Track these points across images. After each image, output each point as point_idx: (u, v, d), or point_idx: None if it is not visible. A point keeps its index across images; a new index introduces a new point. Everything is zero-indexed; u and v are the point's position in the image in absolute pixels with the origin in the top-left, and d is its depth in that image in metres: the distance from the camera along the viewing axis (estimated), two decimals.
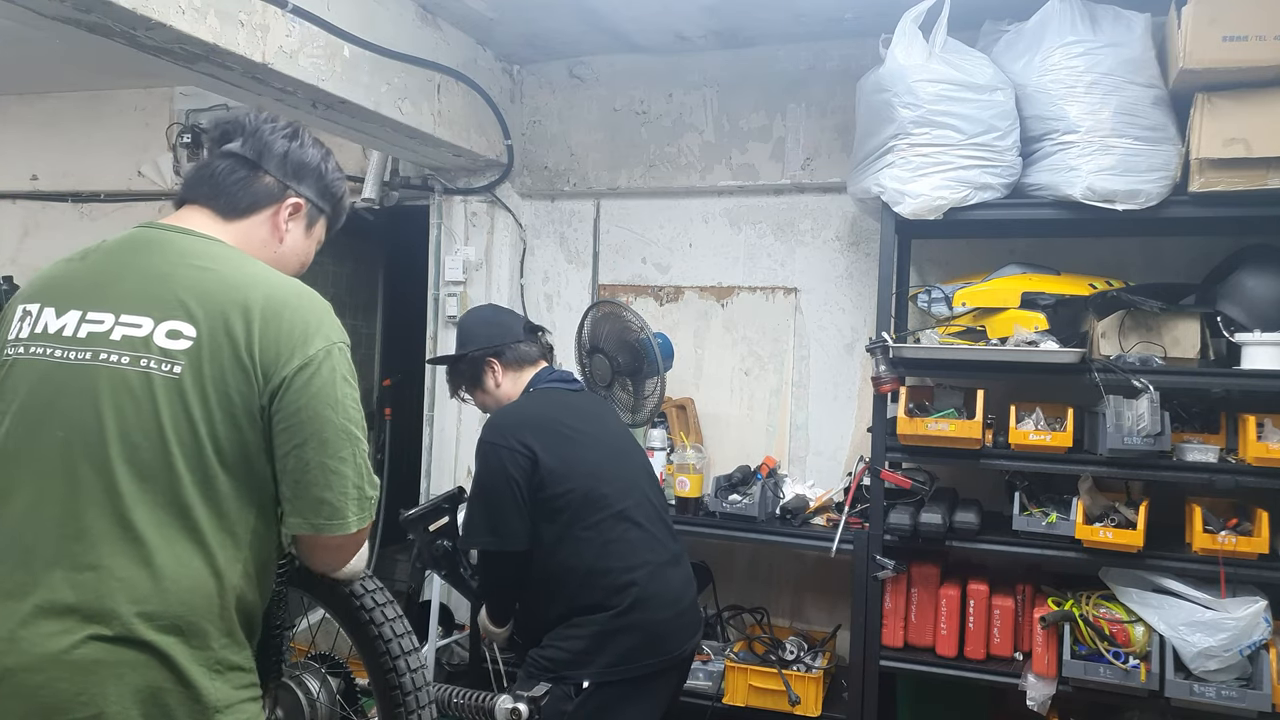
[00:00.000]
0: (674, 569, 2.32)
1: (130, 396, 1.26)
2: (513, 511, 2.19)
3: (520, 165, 3.90)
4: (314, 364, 1.31)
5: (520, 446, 2.21)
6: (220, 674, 1.27)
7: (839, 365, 3.53)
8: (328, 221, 1.61)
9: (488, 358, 2.42)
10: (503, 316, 2.57)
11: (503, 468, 2.20)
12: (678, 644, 2.27)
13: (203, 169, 1.48)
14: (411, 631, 1.70)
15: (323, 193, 1.56)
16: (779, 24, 3.33)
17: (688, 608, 2.33)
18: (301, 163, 1.52)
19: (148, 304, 1.30)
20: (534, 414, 2.33)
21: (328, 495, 1.32)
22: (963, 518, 2.75)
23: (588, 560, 2.20)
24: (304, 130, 1.55)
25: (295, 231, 1.52)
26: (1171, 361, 2.64)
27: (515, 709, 1.88)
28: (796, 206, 3.60)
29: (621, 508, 2.26)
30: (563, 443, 2.27)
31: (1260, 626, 2.46)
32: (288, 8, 2.60)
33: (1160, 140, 2.61)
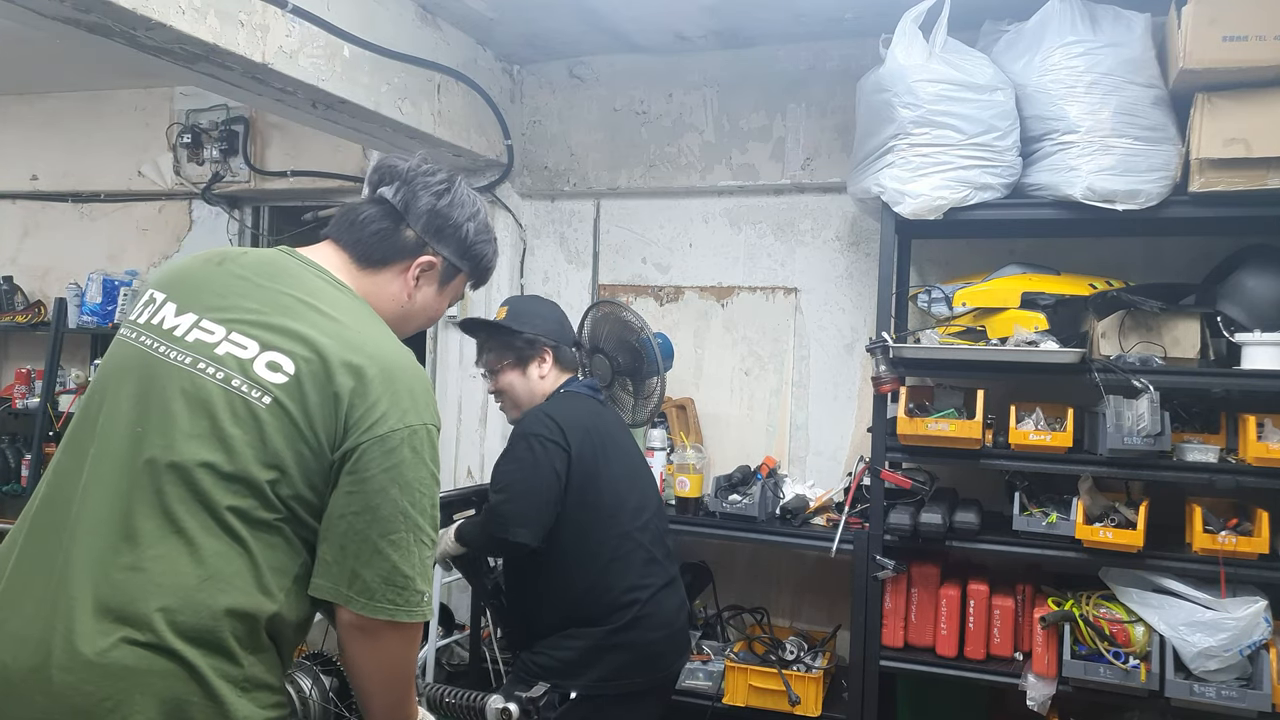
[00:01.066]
0: (671, 592, 2.33)
1: (208, 411, 1.26)
2: (548, 504, 2.17)
3: (520, 165, 3.90)
4: (397, 438, 1.28)
5: (564, 443, 2.20)
6: (247, 692, 1.25)
7: (839, 365, 3.53)
8: (471, 279, 1.59)
9: (545, 347, 2.38)
10: (565, 320, 2.53)
11: (548, 461, 2.17)
12: (667, 664, 2.29)
13: (353, 210, 1.49)
14: None
15: (462, 253, 1.52)
16: (779, 24, 3.33)
17: (679, 629, 2.34)
18: (445, 222, 1.48)
19: (260, 330, 1.30)
20: (574, 416, 2.30)
21: (364, 571, 1.27)
22: (963, 518, 2.75)
23: (593, 574, 2.21)
24: (459, 185, 1.52)
25: (426, 289, 1.50)
26: (1171, 361, 2.64)
27: (506, 709, 1.87)
28: (796, 206, 3.60)
29: (633, 526, 2.27)
30: (597, 449, 2.26)
31: (1260, 626, 2.46)
32: (288, 8, 2.60)
33: (1160, 140, 2.61)
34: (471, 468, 3.92)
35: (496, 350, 2.42)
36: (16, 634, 1.20)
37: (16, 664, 1.18)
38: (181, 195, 4.55)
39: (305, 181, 4.24)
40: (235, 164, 4.34)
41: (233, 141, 4.32)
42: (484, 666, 3.20)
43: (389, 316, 1.45)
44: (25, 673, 1.18)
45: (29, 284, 4.72)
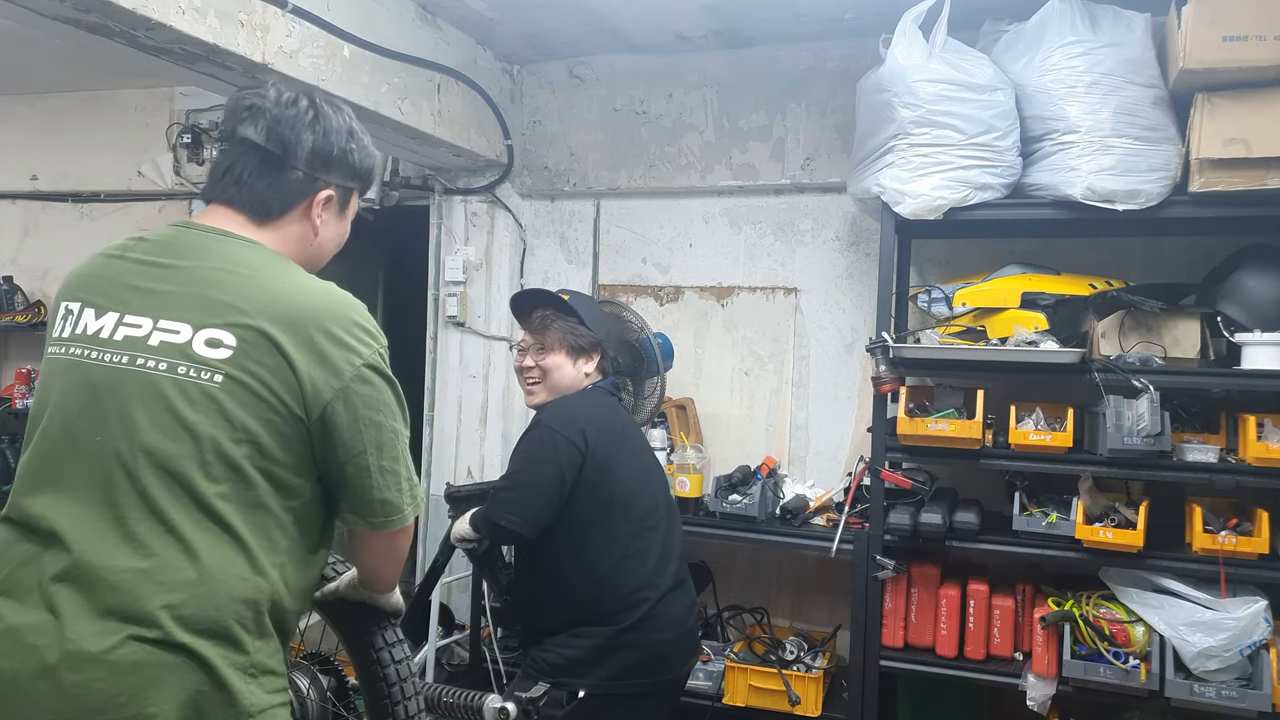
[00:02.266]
0: (681, 593, 2.34)
1: (165, 404, 1.25)
2: (548, 500, 2.19)
3: (520, 165, 3.90)
4: (358, 380, 1.32)
5: (579, 439, 2.21)
6: (255, 678, 1.27)
7: (839, 365, 3.53)
8: (361, 192, 1.57)
9: (600, 347, 2.43)
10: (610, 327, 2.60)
11: (555, 456, 2.19)
12: (677, 665, 2.29)
13: (227, 166, 1.42)
14: (394, 625, 1.70)
15: (351, 174, 1.50)
16: (779, 24, 3.33)
17: (689, 630, 2.35)
18: (329, 152, 1.45)
19: (187, 310, 1.30)
20: (596, 410, 2.33)
21: (388, 495, 1.37)
22: (963, 518, 2.75)
23: (603, 572, 2.21)
24: (323, 106, 1.45)
25: (329, 220, 1.49)
26: (1171, 361, 2.64)
27: (504, 708, 1.87)
28: (796, 206, 3.60)
29: (645, 525, 2.29)
30: (613, 446, 2.28)
31: (1260, 626, 2.46)
32: (288, 8, 2.60)
33: (1160, 140, 2.61)
34: (471, 468, 3.93)
35: (561, 332, 2.39)
36: (21, 641, 1.20)
37: (25, 668, 1.19)
38: (181, 195, 4.55)
39: None
40: None
41: None
42: (484, 666, 3.19)
43: (302, 258, 1.46)
44: (33, 676, 1.18)
45: (29, 284, 4.72)
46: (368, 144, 1.53)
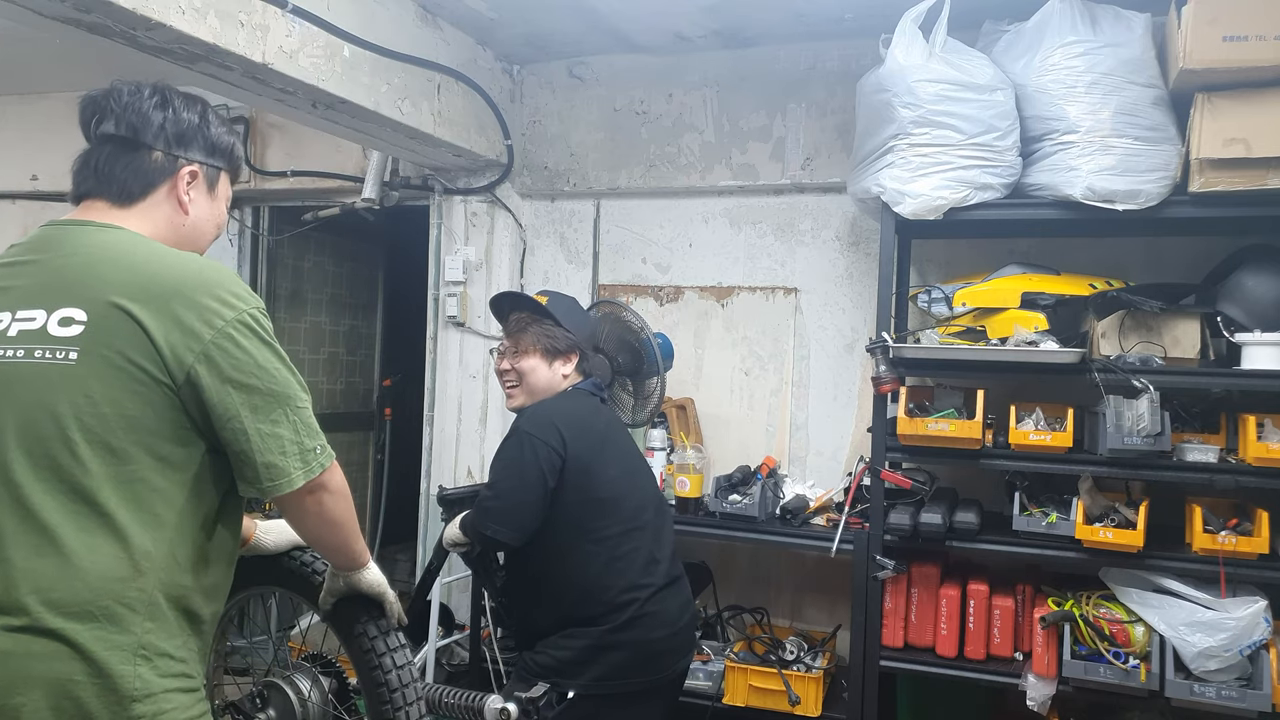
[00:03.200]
0: (674, 591, 2.34)
1: (26, 388, 1.26)
2: (531, 507, 2.19)
3: (520, 165, 3.90)
4: (226, 335, 1.32)
5: (557, 442, 2.20)
6: (146, 660, 1.24)
7: (839, 365, 3.53)
8: (230, 175, 1.59)
9: (578, 349, 2.42)
10: (595, 330, 2.61)
11: (535, 460, 2.18)
12: (670, 663, 2.29)
13: (86, 159, 1.46)
14: (397, 629, 1.70)
15: (211, 150, 1.52)
16: (779, 24, 3.33)
17: (683, 628, 2.34)
18: (182, 129, 1.47)
19: (41, 297, 1.31)
20: (574, 412, 2.32)
21: (271, 459, 1.35)
22: (963, 518, 2.75)
23: (592, 575, 2.21)
24: (171, 92, 1.49)
25: (199, 199, 1.50)
26: (1171, 361, 2.64)
27: (504, 709, 1.87)
28: (796, 206, 3.60)
29: (633, 525, 2.28)
30: (595, 447, 2.28)
31: (1260, 626, 2.46)
32: (288, 8, 2.60)
33: (1160, 140, 2.61)
34: (471, 468, 3.93)
35: (535, 335, 2.40)
36: None
37: None
38: None
39: (305, 181, 4.24)
40: None
41: None
42: (484, 666, 3.20)
43: (175, 239, 1.47)
44: None
45: None
46: (229, 127, 1.57)
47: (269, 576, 1.80)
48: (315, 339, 5.04)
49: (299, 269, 4.90)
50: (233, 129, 1.58)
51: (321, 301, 5.07)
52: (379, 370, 5.46)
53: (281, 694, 1.77)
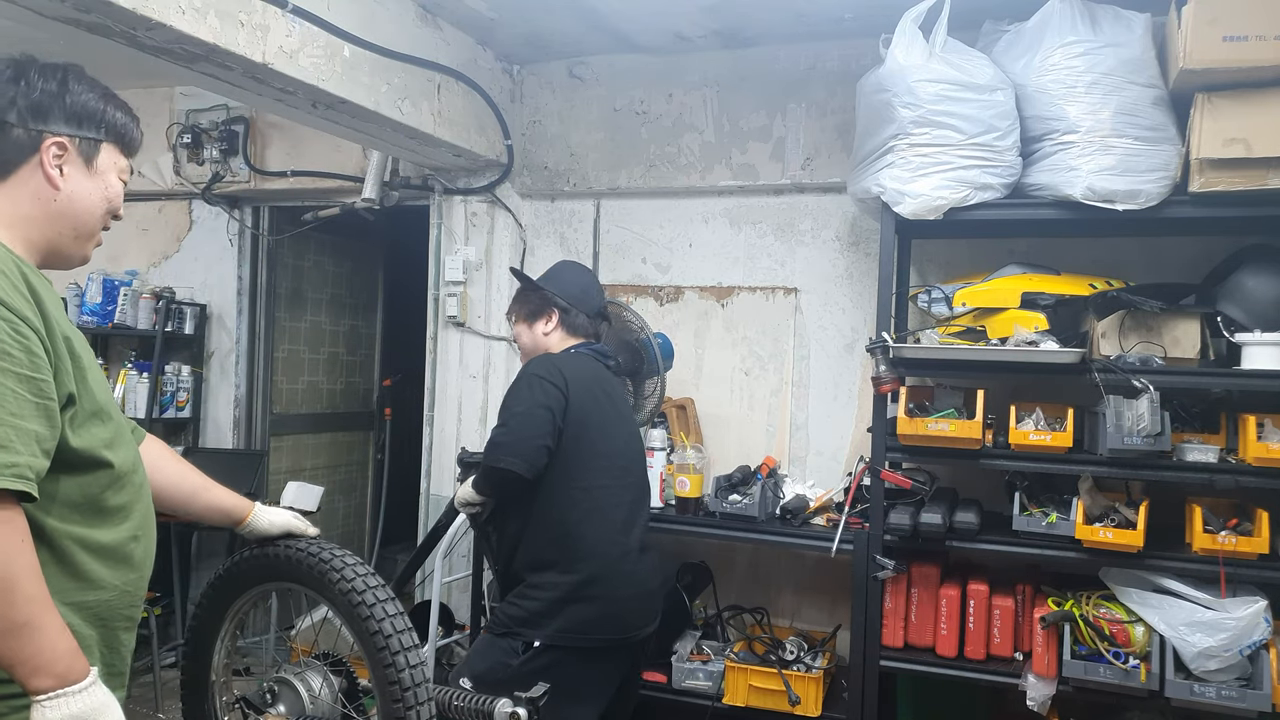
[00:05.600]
0: (644, 556, 2.44)
1: None
2: (539, 438, 2.28)
3: (520, 165, 3.90)
4: None
5: (560, 382, 2.33)
6: None
7: (839, 365, 3.53)
8: (119, 147, 1.48)
9: (553, 307, 2.54)
10: (592, 287, 2.66)
11: (544, 398, 2.31)
12: (635, 625, 2.37)
13: None
14: (412, 629, 1.71)
15: (77, 119, 1.41)
16: (779, 24, 3.33)
17: (650, 593, 2.44)
18: (36, 99, 1.38)
19: None
20: (575, 368, 2.44)
21: None
22: (963, 518, 2.75)
23: (573, 520, 2.31)
24: (29, 63, 1.40)
25: (74, 174, 1.41)
26: (1171, 361, 2.64)
27: (514, 713, 1.88)
28: (796, 206, 3.60)
29: (620, 484, 2.41)
30: (591, 401, 2.39)
31: (1260, 626, 2.46)
32: (288, 8, 2.60)
33: (1160, 140, 2.61)
34: None
35: (515, 301, 2.63)
36: None
37: None
38: (181, 195, 4.55)
39: (305, 181, 4.24)
40: (235, 164, 4.35)
41: (233, 141, 4.33)
42: None
43: (47, 217, 1.40)
44: None
45: None
46: (100, 92, 1.46)
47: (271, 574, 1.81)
48: (315, 339, 5.04)
49: (299, 269, 4.90)
50: (111, 95, 1.47)
51: (321, 301, 5.07)
52: (379, 370, 5.46)
53: (292, 690, 1.78)
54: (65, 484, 1.34)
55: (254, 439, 4.66)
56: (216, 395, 4.63)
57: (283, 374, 4.84)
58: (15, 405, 1.23)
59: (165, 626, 4.17)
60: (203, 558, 4.43)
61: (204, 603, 1.90)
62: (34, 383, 1.26)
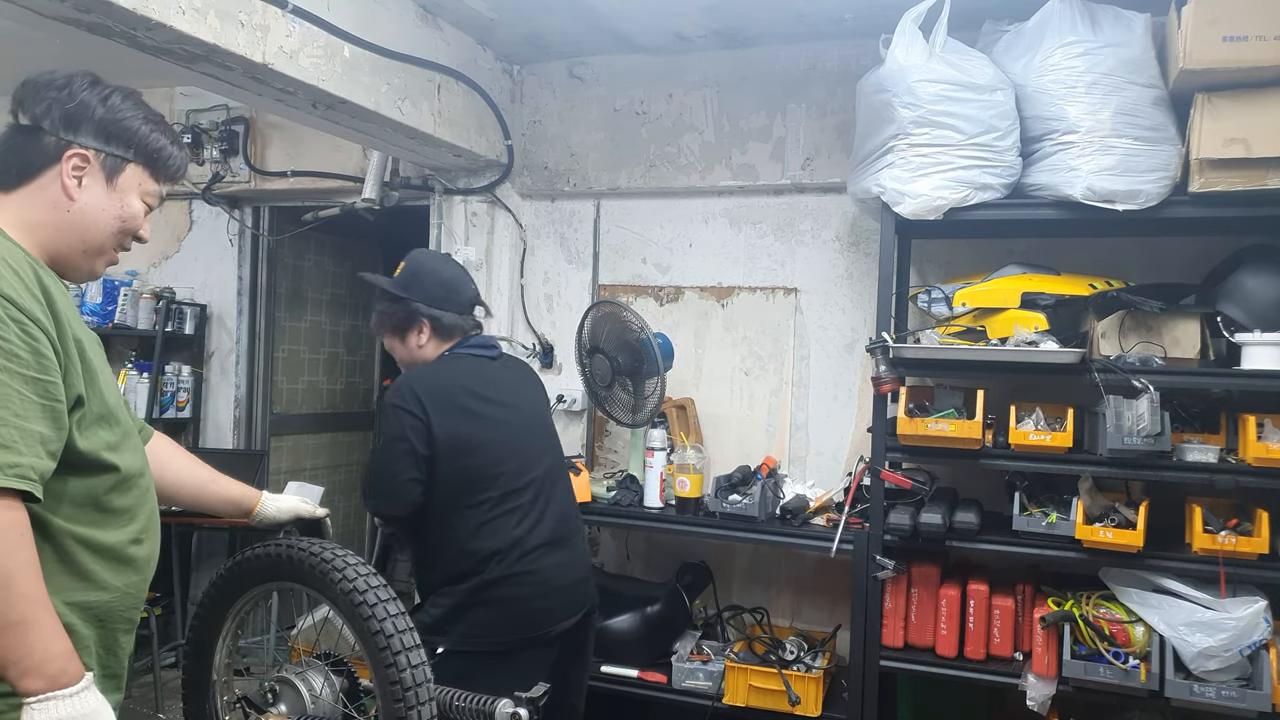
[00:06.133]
0: (554, 551, 2.34)
1: None
2: (404, 479, 2.21)
3: (520, 165, 3.90)
4: None
5: (417, 409, 2.21)
6: None
7: (839, 365, 3.53)
8: (149, 171, 1.48)
9: (422, 318, 2.37)
10: (457, 281, 2.44)
11: (402, 431, 2.21)
12: (546, 622, 2.30)
13: None
14: (413, 629, 1.71)
15: (106, 135, 1.42)
16: (779, 24, 3.33)
17: (562, 589, 2.34)
18: (73, 111, 1.39)
19: None
20: (440, 383, 2.30)
21: None
22: (963, 518, 2.75)
23: (461, 539, 2.26)
24: (80, 77, 1.41)
25: (92, 186, 1.42)
26: (1171, 361, 2.64)
27: (515, 713, 1.87)
28: (796, 206, 3.60)
29: (513, 488, 2.29)
30: (461, 416, 2.26)
31: (1260, 626, 2.46)
32: (288, 8, 2.60)
33: (1160, 140, 2.61)
34: None
35: (378, 315, 2.43)
36: None
37: None
38: (181, 195, 4.55)
39: (305, 181, 4.24)
40: (235, 164, 4.35)
41: (233, 141, 4.33)
42: None
43: (57, 225, 1.40)
44: None
45: None
46: (142, 114, 1.46)
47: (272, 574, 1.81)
48: (315, 339, 5.04)
49: (299, 269, 4.90)
50: (160, 122, 1.49)
51: (321, 301, 5.07)
52: (379, 370, 5.47)
53: (293, 690, 1.78)
54: (72, 484, 1.35)
55: (254, 439, 4.67)
56: (216, 395, 4.63)
57: (283, 374, 4.84)
58: (21, 406, 1.24)
59: (165, 626, 4.18)
60: (203, 558, 4.43)
61: (205, 602, 1.90)
62: (40, 384, 1.27)
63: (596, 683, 3.16)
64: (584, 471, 3.28)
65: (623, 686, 3.16)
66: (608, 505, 3.30)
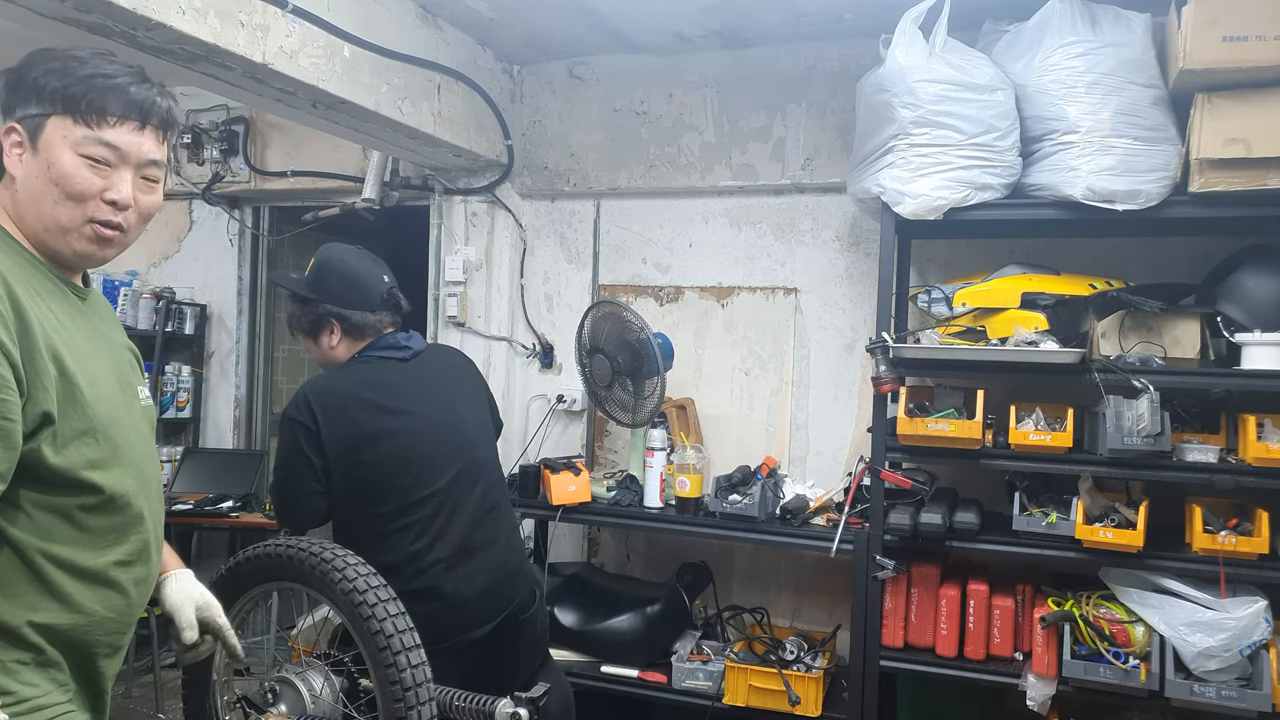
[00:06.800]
0: (459, 564, 2.24)
1: None
2: (303, 492, 2.17)
3: (520, 165, 3.90)
4: None
5: (308, 419, 2.16)
6: None
7: (839, 365, 3.53)
8: (72, 116, 1.31)
9: (331, 319, 2.30)
10: (365, 277, 2.35)
11: (296, 443, 2.16)
12: (449, 635, 2.18)
13: None
14: (414, 629, 1.71)
15: (28, 99, 1.30)
16: (779, 24, 3.33)
17: (469, 598, 2.24)
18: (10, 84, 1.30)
19: None
20: (335, 393, 2.22)
21: None
22: (963, 518, 2.75)
23: (364, 550, 2.09)
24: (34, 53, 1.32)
25: (27, 159, 1.30)
26: (1171, 361, 2.64)
27: (515, 713, 1.87)
28: (796, 206, 3.60)
29: (407, 501, 2.20)
30: (351, 426, 2.18)
31: (1260, 626, 2.46)
32: (288, 8, 2.60)
33: (1160, 140, 2.61)
34: None
35: (290, 317, 2.40)
36: None
37: None
38: (181, 195, 4.56)
39: (305, 181, 4.24)
40: (235, 164, 4.35)
41: (233, 141, 4.33)
42: None
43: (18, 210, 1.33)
44: None
45: None
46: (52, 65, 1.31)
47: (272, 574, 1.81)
48: None
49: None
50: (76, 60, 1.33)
51: None
52: None
53: (293, 689, 1.78)
54: (38, 499, 1.28)
55: (254, 439, 4.67)
56: (216, 395, 4.63)
57: (283, 374, 4.84)
58: None
59: (165, 626, 4.17)
60: (203, 558, 4.43)
61: None
62: None
63: (597, 683, 3.17)
64: (584, 471, 3.28)
65: (623, 686, 3.16)
66: (608, 505, 3.30)
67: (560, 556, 3.77)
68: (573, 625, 3.24)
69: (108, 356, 1.40)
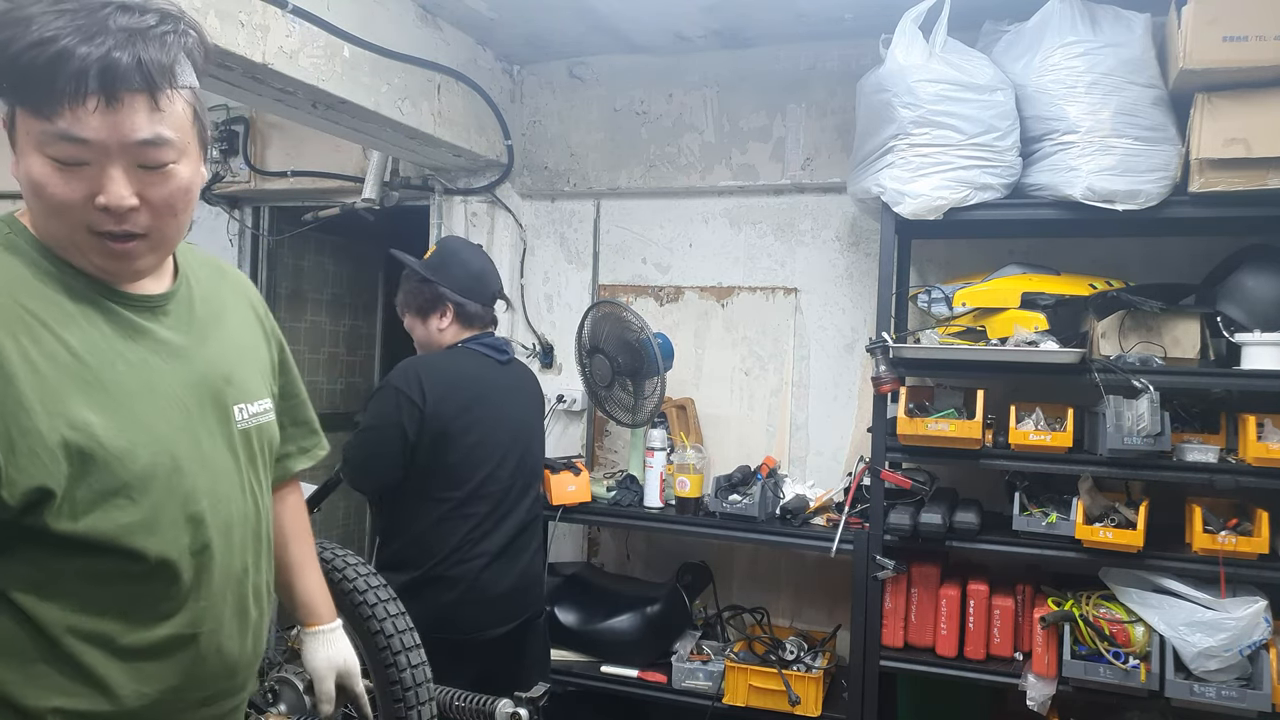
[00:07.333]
0: (497, 562, 2.38)
1: None
2: (386, 462, 2.26)
3: (520, 165, 3.90)
4: None
5: (418, 396, 2.26)
6: None
7: (839, 365, 3.53)
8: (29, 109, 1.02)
9: (447, 302, 2.44)
10: (485, 273, 2.54)
11: (397, 413, 2.25)
12: (473, 628, 2.32)
13: None
14: (413, 628, 1.71)
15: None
16: (779, 24, 3.33)
17: (497, 596, 2.37)
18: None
19: None
20: (444, 373, 2.35)
21: None
22: (963, 518, 2.75)
23: (417, 528, 2.29)
24: None
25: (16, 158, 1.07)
26: (1171, 361, 2.64)
27: (515, 713, 1.88)
28: (796, 206, 3.60)
29: (478, 494, 2.34)
30: (458, 409, 2.31)
31: (1260, 626, 2.46)
32: (288, 8, 2.60)
33: (1160, 140, 2.61)
34: None
35: (404, 294, 2.52)
36: None
37: None
38: None
39: (305, 181, 4.24)
40: (235, 164, 4.35)
41: (233, 141, 4.33)
42: None
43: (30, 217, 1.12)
44: None
45: None
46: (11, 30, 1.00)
47: None
48: (315, 339, 5.04)
49: (299, 269, 4.90)
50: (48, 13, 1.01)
51: (321, 301, 5.07)
52: (379, 370, 5.46)
53: (293, 689, 1.78)
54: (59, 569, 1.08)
55: None
56: None
57: None
58: None
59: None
60: None
61: None
62: None
63: (597, 682, 3.17)
64: (584, 471, 3.27)
65: (623, 686, 3.17)
66: (608, 505, 3.30)
67: (560, 556, 3.77)
68: (573, 625, 3.24)
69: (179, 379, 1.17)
